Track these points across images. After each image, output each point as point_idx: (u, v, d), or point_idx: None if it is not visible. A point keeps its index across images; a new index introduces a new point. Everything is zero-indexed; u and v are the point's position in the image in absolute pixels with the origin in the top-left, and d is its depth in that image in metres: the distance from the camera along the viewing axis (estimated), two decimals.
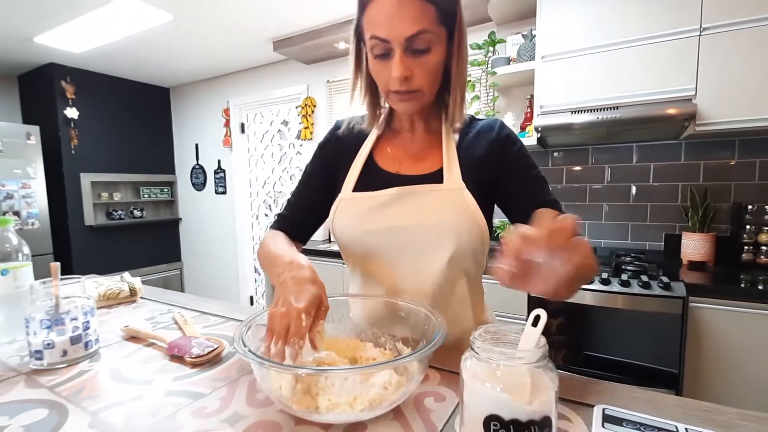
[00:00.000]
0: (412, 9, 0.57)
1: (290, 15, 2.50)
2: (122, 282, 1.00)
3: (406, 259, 0.70)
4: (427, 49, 0.60)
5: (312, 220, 0.81)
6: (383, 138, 0.78)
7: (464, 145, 0.72)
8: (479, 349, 0.35)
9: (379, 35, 0.59)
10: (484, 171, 0.70)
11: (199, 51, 3.12)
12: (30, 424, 0.48)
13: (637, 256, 1.87)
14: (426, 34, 0.58)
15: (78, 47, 2.95)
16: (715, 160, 1.90)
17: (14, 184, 3.09)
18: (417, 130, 0.75)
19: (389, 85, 0.63)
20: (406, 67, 0.60)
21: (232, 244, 3.88)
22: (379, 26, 0.59)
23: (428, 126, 0.75)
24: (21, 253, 0.77)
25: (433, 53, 0.61)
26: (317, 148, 0.82)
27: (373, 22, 0.59)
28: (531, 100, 2.11)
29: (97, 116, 3.61)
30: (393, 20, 0.57)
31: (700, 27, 1.60)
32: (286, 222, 0.80)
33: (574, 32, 1.82)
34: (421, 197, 0.69)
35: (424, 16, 0.58)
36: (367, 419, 0.46)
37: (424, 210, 0.68)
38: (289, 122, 3.53)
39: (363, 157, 0.75)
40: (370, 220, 0.70)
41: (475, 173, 0.69)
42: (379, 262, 0.72)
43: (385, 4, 0.57)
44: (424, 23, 0.58)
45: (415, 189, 0.69)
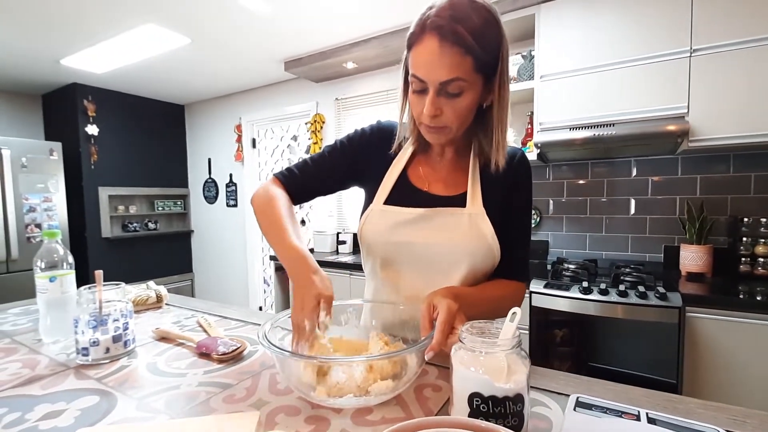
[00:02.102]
0: (450, 58, 0.61)
1: (300, 38, 2.64)
2: (149, 290, 1.09)
3: (422, 273, 0.78)
4: (459, 93, 0.65)
5: (317, 189, 0.85)
6: (417, 156, 0.83)
7: (488, 171, 0.77)
8: (466, 340, 0.43)
9: (417, 75, 0.65)
10: (502, 198, 0.77)
11: (214, 71, 3.27)
12: (86, 408, 0.56)
13: (637, 268, 1.92)
14: (459, 81, 0.63)
15: (100, 68, 3.12)
16: (711, 174, 1.97)
17: (37, 198, 3.24)
18: (446, 156, 0.81)
19: (421, 118, 0.70)
20: (437, 107, 0.66)
21: (242, 255, 3.98)
22: (419, 67, 0.65)
23: (458, 153, 0.81)
24: (66, 262, 0.86)
25: (464, 97, 0.66)
26: (355, 131, 0.86)
27: (415, 61, 0.65)
28: (531, 117, 2.20)
29: (116, 132, 3.78)
30: (431, 65, 0.63)
31: (690, 48, 1.68)
32: (294, 181, 0.83)
33: (571, 53, 1.91)
34: (444, 219, 0.75)
35: (461, 65, 0.62)
36: (374, 404, 0.54)
37: (444, 231, 0.75)
38: (298, 137, 3.66)
39: (398, 171, 0.81)
40: (395, 233, 0.77)
41: (495, 199, 0.77)
42: (397, 272, 0.80)
43: (427, 49, 0.63)
44: (459, 72, 0.62)
45: (440, 211, 0.76)
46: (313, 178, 0.84)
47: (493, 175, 0.77)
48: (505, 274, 0.80)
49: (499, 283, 0.79)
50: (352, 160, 0.84)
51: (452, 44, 0.61)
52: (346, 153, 0.84)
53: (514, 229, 0.79)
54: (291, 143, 3.72)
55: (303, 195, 0.85)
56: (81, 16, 2.31)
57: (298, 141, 3.66)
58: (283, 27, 2.48)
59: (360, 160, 0.84)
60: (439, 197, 0.78)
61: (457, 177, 0.80)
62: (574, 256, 2.28)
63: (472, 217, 0.75)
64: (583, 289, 1.65)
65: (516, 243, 0.79)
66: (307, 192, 0.85)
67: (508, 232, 0.77)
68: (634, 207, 2.14)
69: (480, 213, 0.75)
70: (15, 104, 3.69)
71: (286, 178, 0.84)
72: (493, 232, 0.74)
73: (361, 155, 0.84)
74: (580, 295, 1.65)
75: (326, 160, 0.85)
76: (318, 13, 2.32)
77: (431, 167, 0.82)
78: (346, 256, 2.80)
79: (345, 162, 0.84)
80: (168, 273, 4.26)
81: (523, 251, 0.81)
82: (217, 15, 2.31)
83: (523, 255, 0.81)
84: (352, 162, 0.84)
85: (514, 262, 0.79)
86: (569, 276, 1.83)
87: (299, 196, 0.84)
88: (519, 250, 0.80)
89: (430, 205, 0.77)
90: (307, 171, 0.84)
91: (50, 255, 0.84)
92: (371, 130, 0.85)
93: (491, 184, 0.77)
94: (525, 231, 0.81)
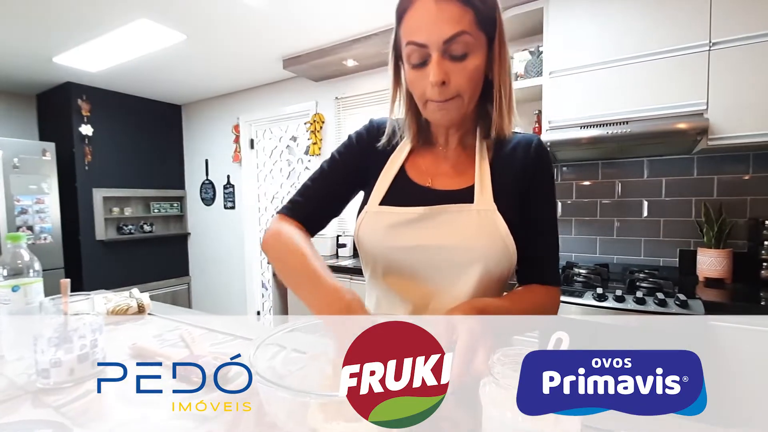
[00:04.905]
0: (450, 12, 0.57)
1: (299, 34, 2.56)
2: (131, 298, 1.00)
3: (431, 280, 0.68)
4: (465, 54, 0.59)
5: (328, 213, 0.76)
6: (416, 150, 0.75)
7: (499, 161, 0.70)
8: (499, 374, 0.34)
9: (416, 40, 0.59)
10: (517, 190, 0.68)
11: (211, 69, 3.19)
12: None
13: (651, 273, 1.83)
14: (464, 35, 0.57)
15: (94, 67, 3.04)
16: (728, 174, 1.87)
17: (29, 200, 3.15)
18: (451, 145, 0.73)
19: (426, 94, 0.62)
20: (444, 71, 0.59)
21: (240, 258, 3.89)
22: (416, 31, 0.58)
23: (463, 140, 0.73)
24: (32, 269, 0.77)
25: (471, 58, 0.59)
26: (348, 138, 0.78)
27: (410, 28, 0.59)
28: (539, 115, 2.11)
29: (111, 133, 3.70)
30: (431, 24, 0.57)
31: (709, 42, 1.59)
32: (302, 211, 0.73)
33: (582, 48, 1.82)
34: (451, 217, 0.66)
35: (463, 18, 0.57)
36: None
37: (453, 231, 0.66)
38: (297, 138, 3.57)
39: (395, 168, 0.73)
40: (396, 237, 0.68)
41: (508, 191, 0.67)
42: (402, 280, 0.70)
43: (423, 8, 0.57)
44: (462, 25, 0.57)
45: (445, 209, 0.67)
46: (321, 202, 0.75)
47: (503, 164, 0.68)
48: (533, 277, 0.69)
49: (528, 290, 0.69)
50: (354, 168, 0.76)
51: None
52: (348, 163, 0.76)
53: (536, 224, 0.69)
54: (290, 144, 3.63)
55: (316, 223, 0.75)
56: (72, 12, 2.22)
57: (298, 141, 3.57)
58: (282, 23, 2.39)
59: (362, 167, 0.76)
60: (443, 193, 0.69)
61: (464, 166, 0.71)
62: (584, 261, 2.18)
63: (481, 214, 0.65)
64: (597, 295, 1.56)
65: (541, 240, 0.69)
66: (319, 219, 0.75)
67: (530, 228, 0.68)
68: (647, 209, 2.05)
69: (490, 209, 0.65)
70: (9, 104, 3.60)
71: (292, 211, 0.73)
72: (507, 230, 0.65)
73: (361, 161, 0.76)
74: (594, 302, 1.55)
75: (328, 177, 0.76)
76: (317, 9, 2.23)
77: (433, 159, 0.73)
78: (346, 259, 2.72)
79: (349, 173, 0.76)
80: (164, 276, 4.17)
81: (550, 249, 0.70)
82: (212, 10, 2.23)
83: (551, 254, 0.70)
84: (354, 170, 0.76)
85: (542, 263, 0.69)
86: (581, 282, 1.74)
87: (313, 225, 0.74)
88: (545, 249, 0.70)
89: (432, 203, 0.68)
90: (311, 196, 0.75)
91: (14, 261, 0.75)
92: (366, 131, 0.78)
93: (503, 173, 0.68)
94: (551, 226, 0.71)
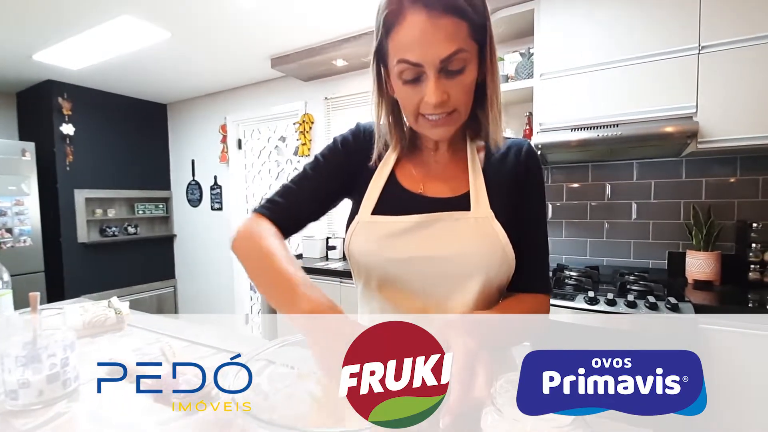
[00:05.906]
0: (446, 29, 0.53)
1: (288, 33, 2.51)
2: (109, 309, 0.95)
3: (429, 292, 0.65)
4: (462, 69, 0.56)
5: (306, 216, 0.72)
6: (405, 156, 0.72)
7: (491, 166, 0.68)
8: (503, 405, 0.31)
9: (409, 59, 0.55)
10: (511, 195, 0.66)
11: (197, 67, 3.12)
12: None
13: (642, 275, 1.83)
14: (462, 53, 0.54)
15: (76, 64, 2.95)
16: (716, 177, 1.89)
17: (7, 201, 3.05)
18: (440, 149, 0.70)
19: (421, 110, 0.59)
20: (443, 91, 0.56)
21: (227, 260, 3.81)
22: (409, 50, 0.54)
23: (452, 145, 0.70)
24: (0, 280, 0.72)
25: (467, 72, 0.57)
26: (334, 142, 0.74)
27: (402, 45, 0.55)
28: (530, 118, 2.11)
29: (94, 132, 3.59)
30: (425, 44, 0.53)
31: (698, 45, 1.60)
32: (279, 211, 0.69)
33: (573, 50, 1.82)
34: (447, 226, 0.64)
35: (458, 34, 0.54)
36: None
37: (450, 240, 0.63)
38: (286, 138, 3.52)
39: (384, 176, 0.70)
40: (391, 248, 0.65)
41: (503, 197, 0.65)
42: (399, 293, 0.66)
43: (416, 26, 0.53)
44: (458, 42, 0.54)
45: (441, 217, 0.64)
46: (302, 203, 0.71)
47: (496, 169, 0.67)
48: (524, 286, 0.67)
49: (519, 299, 0.66)
50: (338, 173, 0.72)
51: (442, 13, 0.52)
52: (331, 167, 0.72)
53: (529, 231, 0.67)
54: (279, 144, 3.57)
55: (293, 225, 0.71)
56: (52, 8, 2.14)
57: (286, 142, 3.52)
58: (270, 21, 2.34)
59: (347, 171, 0.72)
60: (437, 200, 0.66)
61: (455, 172, 0.69)
62: (574, 263, 2.18)
63: (479, 221, 0.63)
64: (588, 299, 1.55)
65: (533, 248, 0.67)
66: (297, 221, 0.71)
67: (523, 235, 0.66)
68: (636, 211, 2.06)
69: (488, 216, 0.63)
70: None
71: (270, 210, 0.69)
72: (506, 238, 0.62)
73: (347, 165, 0.72)
74: (586, 305, 1.55)
75: (311, 179, 0.72)
76: (306, 7, 2.19)
77: (423, 164, 0.71)
78: (336, 262, 2.68)
79: (332, 178, 0.72)
80: (149, 280, 4.07)
81: (541, 257, 0.69)
82: (198, 7, 2.17)
83: (542, 261, 0.69)
84: (338, 176, 0.72)
85: (533, 271, 0.67)
86: (572, 285, 1.74)
87: (289, 227, 0.70)
88: (537, 256, 0.68)
89: (427, 210, 0.65)
90: (291, 197, 0.71)
91: None
92: (353, 134, 0.74)
93: (495, 179, 0.66)
94: (542, 233, 0.69)
